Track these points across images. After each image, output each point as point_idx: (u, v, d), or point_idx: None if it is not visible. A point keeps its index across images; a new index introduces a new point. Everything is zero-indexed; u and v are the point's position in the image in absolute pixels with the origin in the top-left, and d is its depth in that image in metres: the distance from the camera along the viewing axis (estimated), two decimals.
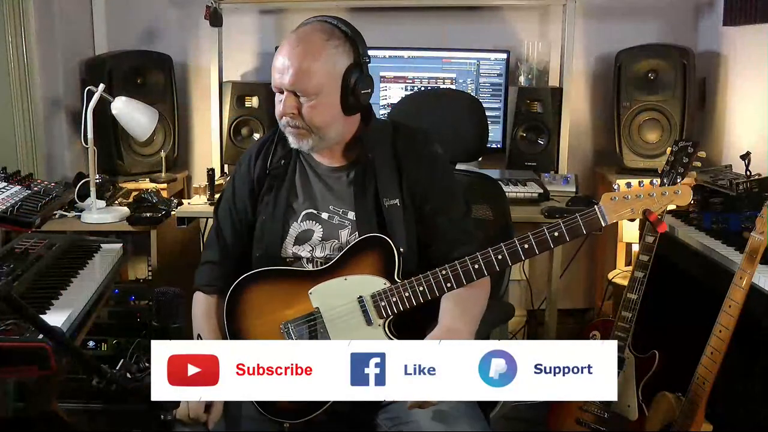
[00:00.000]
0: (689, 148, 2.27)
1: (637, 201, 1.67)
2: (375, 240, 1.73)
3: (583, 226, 1.67)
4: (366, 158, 1.78)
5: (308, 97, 1.70)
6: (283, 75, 1.70)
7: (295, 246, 1.81)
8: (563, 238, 1.67)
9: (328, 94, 1.71)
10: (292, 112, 1.72)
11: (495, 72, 3.23)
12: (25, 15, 3.02)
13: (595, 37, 3.43)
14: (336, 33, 1.73)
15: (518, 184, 2.96)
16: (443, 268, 1.67)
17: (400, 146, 1.81)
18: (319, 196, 1.82)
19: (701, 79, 3.28)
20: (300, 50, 1.69)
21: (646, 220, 1.67)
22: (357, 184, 1.79)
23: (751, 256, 1.90)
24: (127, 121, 2.96)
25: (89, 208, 2.89)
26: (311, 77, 1.69)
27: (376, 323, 1.70)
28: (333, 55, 1.71)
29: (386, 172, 1.78)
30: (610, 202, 1.66)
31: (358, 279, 1.72)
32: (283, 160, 1.85)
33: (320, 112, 1.72)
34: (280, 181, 1.83)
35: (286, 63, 1.70)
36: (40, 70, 3.10)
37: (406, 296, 1.68)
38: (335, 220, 1.80)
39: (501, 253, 1.66)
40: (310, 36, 1.72)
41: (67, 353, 1.41)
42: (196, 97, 3.59)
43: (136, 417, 2.55)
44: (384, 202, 1.76)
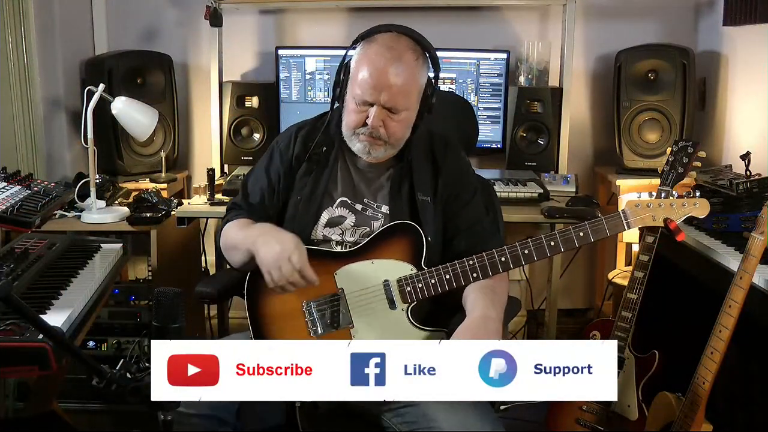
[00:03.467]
0: (689, 148, 2.27)
1: (659, 209, 1.83)
2: (405, 227, 1.81)
3: (608, 228, 1.80)
4: (407, 160, 1.88)
5: (398, 113, 1.78)
6: (381, 92, 1.75)
7: (326, 228, 1.88)
8: (587, 237, 1.78)
9: (413, 109, 1.83)
10: (381, 125, 1.78)
11: (495, 72, 3.23)
12: (25, 15, 3.02)
13: (595, 37, 3.43)
14: (418, 49, 1.80)
15: (518, 184, 2.96)
16: (470, 259, 1.76)
17: (435, 150, 1.93)
18: (356, 188, 1.90)
19: (701, 79, 3.28)
20: (398, 70, 1.75)
21: (667, 228, 1.81)
22: (394, 182, 1.88)
23: (751, 256, 1.89)
24: (127, 121, 2.96)
25: (89, 208, 2.89)
26: (407, 97, 1.78)
27: (400, 307, 1.76)
28: (419, 74, 1.80)
29: (422, 172, 1.89)
30: (635, 208, 1.82)
31: (385, 263, 1.79)
32: (325, 147, 1.91)
33: (404, 126, 1.82)
34: (321, 168, 1.90)
35: (383, 80, 1.75)
36: (40, 70, 3.10)
37: (432, 283, 1.75)
38: (368, 212, 1.89)
39: (528, 248, 1.76)
40: (404, 54, 1.77)
41: (67, 353, 1.41)
42: (196, 97, 3.59)
43: (136, 417, 2.57)
44: (418, 196, 1.86)
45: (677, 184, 2.27)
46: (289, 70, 3.26)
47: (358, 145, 1.82)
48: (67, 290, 1.89)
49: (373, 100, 1.76)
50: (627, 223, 1.82)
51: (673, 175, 2.26)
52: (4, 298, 1.21)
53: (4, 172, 2.21)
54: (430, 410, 1.64)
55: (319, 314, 1.77)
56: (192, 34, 3.53)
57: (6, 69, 3.02)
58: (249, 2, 3.39)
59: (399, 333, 1.74)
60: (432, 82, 1.84)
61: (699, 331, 2.04)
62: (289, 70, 3.26)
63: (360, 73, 1.76)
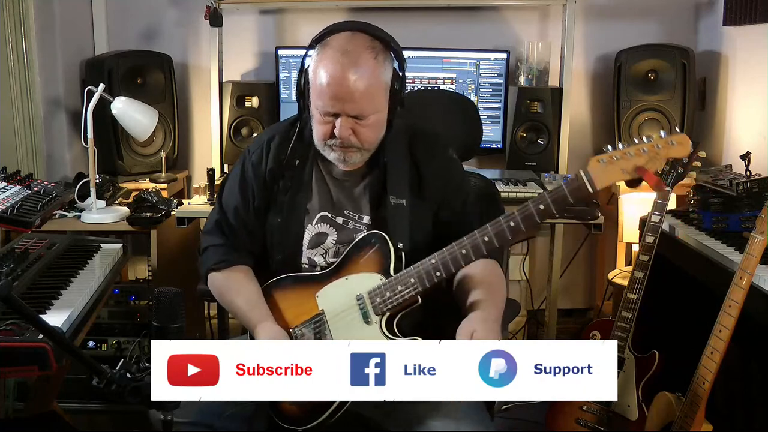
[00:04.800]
0: None
1: (627, 160, 1.50)
2: (373, 237, 1.73)
3: (569, 195, 1.55)
4: (383, 162, 1.78)
5: (366, 119, 1.67)
6: (344, 102, 1.63)
7: (309, 250, 1.81)
8: (549, 210, 1.57)
9: (382, 110, 1.70)
10: (351, 134, 1.67)
11: (495, 72, 3.23)
12: (25, 15, 3.02)
13: (595, 37, 3.43)
14: (377, 45, 1.67)
15: (518, 184, 2.96)
16: (431, 257, 1.65)
17: (416, 150, 1.80)
18: (335, 201, 1.82)
19: (701, 79, 3.28)
20: (357, 75, 1.62)
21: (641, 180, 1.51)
22: (373, 188, 1.79)
23: (751, 256, 1.89)
24: (127, 121, 2.96)
25: (89, 208, 2.89)
26: (372, 100, 1.66)
27: (374, 321, 1.68)
28: (382, 72, 1.67)
29: (398, 174, 1.77)
30: (599, 165, 1.52)
31: (358, 278, 1.72)
32: (299, 160, 1.81)
33: (376, 129, 1.71)
34: (297, 183, 1.81)
35: (344, 90, 1.62)
36: (40, 70, 3.10)
37: (399, 290, 1.65)
38: (350, 224, 1.81)
39: (487, 234, 1.61)
40: (360, 57, 1.64)
41: (67, 353, 1.41)
42: (196, 97, 3.59)
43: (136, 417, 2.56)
44: (390, 200, 1.75)
45: (677, 184, 2.28)
46: (289, 70, 3.25)
47: (333, 155, 1.72)
48: (67, 290, 1.89)
49: (337, 111, 1.65)
50: (590, 184, 1.52)
51: (673, 175, 2.26)
52: (4, 298, 1.21)
53: (4, 172, 2.21)
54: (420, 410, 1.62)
55: (306, 338, 1.74)
56: (192, 34, 3.53)
57: (6, 69, 3.02)
58: (249, 2, 3.39)
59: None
60: (398, 74, 1.71)
61: (699, 331, 2.04)
62: (289, 70, 3.25)
63: (318, 84, 1.65)
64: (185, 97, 3.57)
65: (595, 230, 2.81)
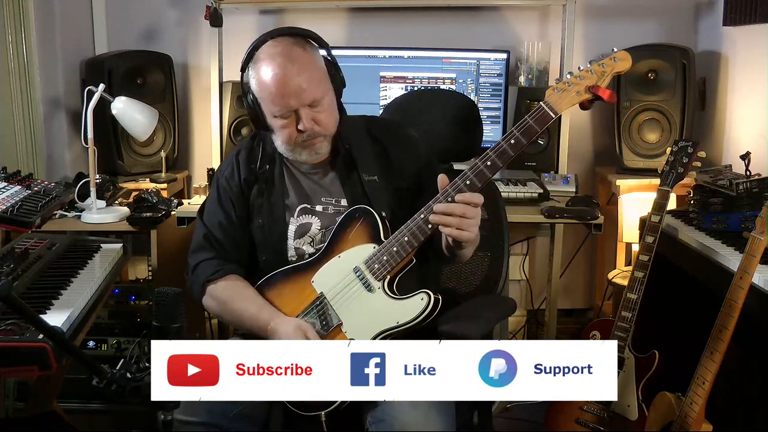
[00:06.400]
0: (689, 148, 2.27)
1: (579, 83, 1.71)
2: (358, 212, 1.82)
3: (536, 124, 1.70)
4: (345, 149, 1.87)
5: (320, 103, 1.78)
6: (297, 95, 1.74)
7: (296, 240, 1.88)
8: (519, 142, 1.69)
9: (330, 92, 1.82)
10: (313, 124, 1.78)
11: (495, 72, 3.22)
12: (25, 15, 3.02)
13: (595, 37, 3.43)
14: (299, 40, 1.80)
15: (518, 184, 2.96)
16: (418, 213, 1.73)
17: (376, 132, 1.93)
18: (310, 192, 1.90)
19: (701, 79, 3.28)
20: (297, 68, 1.75)
21: (595, 97, 1.69)
22: (342, 172, 1.88)
23: (751, 256, 1.89)
24: (127, 121, 2.96)
25: (89, 208, 2.89)
26: (319, 84, 1.78)
27: (377, 287, 1.76)
28: (315, 59, 1.80)
29: (365, 154, 1.88)
30: (555, 93, 1.71)
31: (350, 252, 1.80)
32: (268, 165, 1.91)
33: (331, 113, 1.83)
34: (270, 184, 1.90)
35: (292, 84, 1.74)
36: (40, 70, 3.10)
37: (395, 251, 1.74)
38: (330, 209, 1.89)
39: (468, 178, 1.70)
40: (291, 52, 1.77)
41: (67, 353, 1.41)
42: (196, 97, 3.59)
43: (136, 417, 2.57)
44: (364, 177, 1.85)
45: (677, 184, 2.28)
46: None
47: (304, 154, 1.82)
48: (67, 290, 1.89)
49: (295, 106, 1.75)
50: (551, 110, 1.69)
51: (673, 175, 2.26)
52: (4, 298, 1.21)
53: (4, 172, 2.21)
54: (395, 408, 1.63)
55: (311, 324, 1.77)
56: (192, 34, 3.53)
57: (6, 69, 3.02)
58: (249, 2, 3.39)
59: (385, 311, 1.73)
60: (329, 59, 1.84)
61: (699, 331, 2.04)
62: None
63: (267, 92, 1.76)
64: (185, 97, 3.57)
65: (595, 230, 2.81)
